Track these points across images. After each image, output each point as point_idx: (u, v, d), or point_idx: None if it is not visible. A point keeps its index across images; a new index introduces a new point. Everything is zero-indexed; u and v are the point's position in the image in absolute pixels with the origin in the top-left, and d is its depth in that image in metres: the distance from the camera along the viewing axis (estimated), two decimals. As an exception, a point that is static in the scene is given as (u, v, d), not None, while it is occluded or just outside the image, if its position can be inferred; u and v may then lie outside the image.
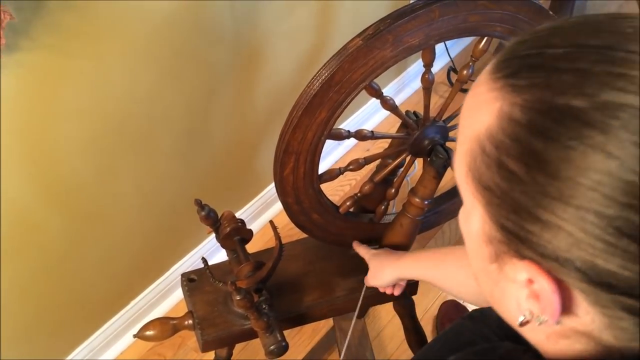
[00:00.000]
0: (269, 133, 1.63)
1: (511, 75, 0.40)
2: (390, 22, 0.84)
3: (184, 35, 1.22)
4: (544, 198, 0.37)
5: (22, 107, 1.01)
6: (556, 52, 0.39)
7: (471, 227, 0.45)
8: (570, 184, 0.36)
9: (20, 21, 0.90)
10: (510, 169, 0.39)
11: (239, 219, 1.01)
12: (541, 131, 0.37)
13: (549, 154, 0.37)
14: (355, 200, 1.05)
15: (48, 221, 1.18)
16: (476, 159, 0.42)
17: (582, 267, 0.37)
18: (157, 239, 1.48)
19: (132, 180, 1.31)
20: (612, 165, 0.35)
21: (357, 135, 0.97)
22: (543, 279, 0.39)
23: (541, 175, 0.37)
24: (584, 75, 0.37)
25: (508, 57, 0.42)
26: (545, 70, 0.38)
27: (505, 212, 0.40)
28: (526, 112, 0.38)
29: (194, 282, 1.11)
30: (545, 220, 0.38)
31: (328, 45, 1.67)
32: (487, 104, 0.41)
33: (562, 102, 0.36)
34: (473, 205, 0.44)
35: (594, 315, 0.40)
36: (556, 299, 0.40)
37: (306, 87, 0.86)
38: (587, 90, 0.36)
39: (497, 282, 0.45)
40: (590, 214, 0.36)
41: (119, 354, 1.52)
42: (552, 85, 0.37)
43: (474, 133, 0.42)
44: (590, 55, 0.37)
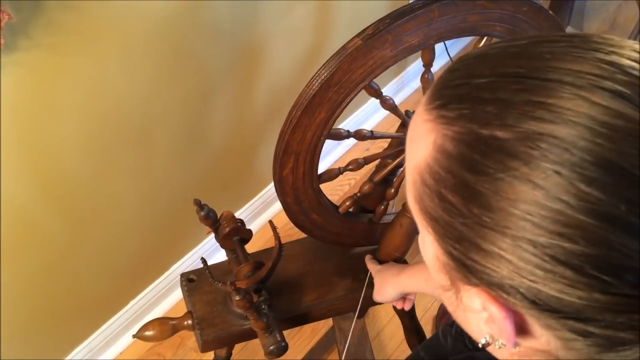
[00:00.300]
0: (268, 133, 1.62)
1: (442, 106, 0.40)
2: (390, 22, 0.83)
3: (182, 34, 1.22)
4: (481, 228, 0.37)
5: (20, 107, 1.01)
6: (480, 82, 0.39)
7: (427, 254, 0.46)
8: (503, 215, 0.36)
9: (18, 21, 0.90)
10: (449, 200, 0.39)
11: (238, 219, 1.01)
12: (470, 164, 0.37)
13: (480, 186, 0.37)
14: (354, 200, 1.05)
15: (46, 220, 1.17)
16: (419, 190, 0.42)
17: (526, 293, 0.37)
18: (156, 239, 1.48)
19: (131, 179, 1.31)
20: (538, 195, 0.35)
21: (356, 135, 0.97)
22: (493, 306, 0.40)
23: (475, 207, 0.37)
24: (505, 106, 0.37)
25: (440, 87, 0.42)
26: (471, 101, 0.38)
27: (451, 241, 0.40)
28: (456, 145, 0.38)
29: (193, 282, 1.11)
30: (487, 250, 0.38)
31: (327, 45, 1.67)
32: (423, 136, 0.41)
33: (487, 134, 0.37)
34: (424, 233, 0.44)
35: (548, 337, 0.40)
36: (509, 325, 0.40)
37: (305, 87, 0.86)
38: (508, 120, 0.36)
39: (458, 307, 0.45)
40: (525, 242, 0.36)
41: (118, 354, 1.52)
42: (477, 116, 0.38)
43: (415, 165, 0.42)
44: (510, 84, 0.37)
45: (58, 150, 1.11)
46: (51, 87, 1.03)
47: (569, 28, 2.18)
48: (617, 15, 2.32)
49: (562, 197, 0.34)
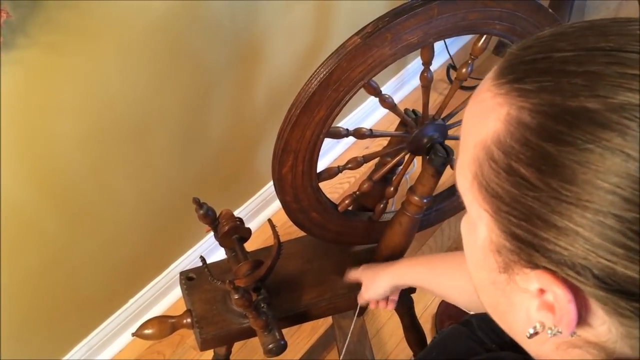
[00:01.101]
0: (267, 131, 1.62)
1: (517, 80, 0.39)
2: (389, 20, 0.83)
3: (181, 32, 1.22)
4: (559, 203, 0.36)
5: (18, 105, 1.01)
6: (564, 55, 0.38)
7: (477, 237, 0.44)
8: (588, 188, 0.35)
9: (17, 19, 0.90)
10: (521, 174, 0.38)
11: (237, 217, 1.01)
12: (554, 135, 0.36)
13: (564, 157, 0.36)
14: (354, 198, 1.05)
15: (44, 219, 1.17)
16: (482, 166, 0.41)
17: (600, 274, 0.36)
18: (155, 237, 1.48)
19: (130, 178, 1.31)
20: (631, 167, 0.34)
21: (355, 133, 0.97)
22: (558, 288, 0.38)
23: (555, 180, 0.36)
24: (596, 78, 0.36)
25: (512, 63, 0.41)
26: (554, 74, 0.38)
27: (516, 220, 0.39)
28: (536, 116, 0.37)
29: (192, 281, 1.11)
30: (561, 227, 0.37)
31: (326, 43, 1.66)
32: (492, 110, 0.40)
33: (575, 105, 0.36)
34: (479, 214, 0.43)
35: (610, 325, 0.39)
36: (572, 309, 0.38)
37: (304, 86, 0.86)
38: (600, 92, 0.35)
39: (504, 293, 0.44)
40: (610, 218, 0.35)
41: (117, 353, 1.52)
42: (563, 88, 0.37)
43: (479, 140, 0.41)
44: (600, 57, 0.37)
45: (56, 149, 1.11)
46: (49, 85, 1.03)
47: (568, 26, 2.18)
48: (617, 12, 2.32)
49: None
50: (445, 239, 1.77)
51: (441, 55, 2.18)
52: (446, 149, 0.98)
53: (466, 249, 0.48)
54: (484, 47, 0.95)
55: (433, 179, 0.99)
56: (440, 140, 1.00)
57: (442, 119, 1.01)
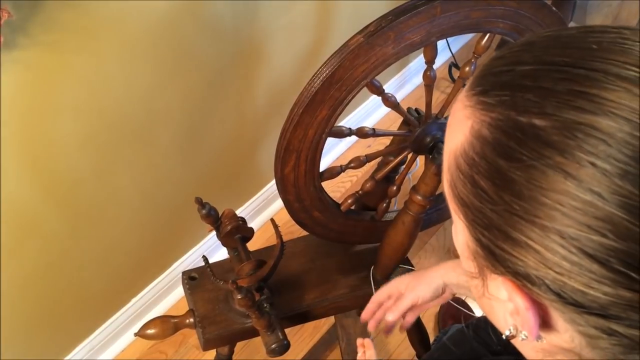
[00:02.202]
0: (270, 130, 1.62)
1: (483, 92, 0.40)
2: (392, 18, 0.83)
3: (182, 31, 1.21)
4: (511, 216, 0.37)
5: (20, 105, 1.00)
6: (525, 69, 0.38)
7: (458, 241, 0.46)
8: (533, 204, 0.36)
9: (18, 19, 0.89)
10: (481, 186, 0.39)
11: (239, 217, 1.01)
12: (505, 151, 0.37)
13: (513, 173, 0.37)
14: (356, 197, 1.05)
15: (47, 219, 1.17)
16: (453, 175, 0.42)
17: (551, 285, 0.37)
18: (157, 237, 1.48)
19: (132, 177, 1.31)
20: (570, 185, 0.34)
21: (358, 132, 0.96)
22: (517, 296, 0.40)
23: (507, 194, 0.37)
24: (546, 94, 0.36)
25: (483, 74, 0.42)
26: (512, 88, 0.38)
27: (480, 228, 0.40)
28: (493, 131, 0.38)
29: (195, 281, 1.11)
30: (515, 239, 0.37)
31: (328, 43, 1.66)
32: (460, 122, 0.42)
33: (525, 121, 0.36)
34: (456, 219, 0.44)
35: (572, 333, 0.40)
36: (531, 316, 0.39)
37: (307, 85, 0.86)
38: (547, 109, 0.36)
39: (485, 296, 0.45)
40: (553, 233, 0.35)
41: (119, 352, 1.52)
42: (517, 103, 0.37)
43: (452, 149, 0.43)
44: (553, 73, 0.37)
45: (58, 148, 1.11)
46: (50, 85, 1.03)
47: (571, 23, 2.18)
48: (619, 10, 2.32)
49: (595, 189, 0.34)
50: (447, 238, 1.77)
51: (443, 54, 2.18)
52: (449, 148, 0.98)
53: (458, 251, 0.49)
54: (487, 46, 0.94)
55: (436, 178, 0.99)
56: (443, 139, 1.00)
57: (445, 118, 1.00)
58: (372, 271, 1.14)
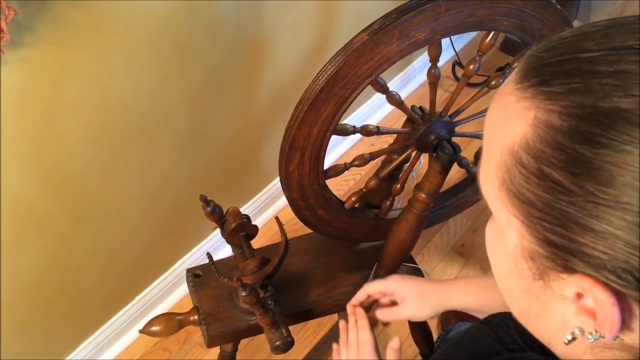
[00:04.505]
0: (274, 128, 1.62)
1: (543, 82, 0.39)
2: (396, 17, 0.83)
3: (187, 30, 1.22)
4: (596, 207, 0.36)
5: (27, 103, 1.01)
6: (591, 55, 0.37)
7: (507, 244, 0.43)
8: (627, 190, 0.34)
9: (24, 17, 0.90)
10: (554, 179, 0.37)
11: (244, 214, 1.01)
12: (587, 137, 0.35)
13: (599, 160, 0.35)
14: (360, 195, 1.05)
15: (53, 217, 1.18)
16: (511, 171, 0.40)
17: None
18: (162, 234, 1.48)
19: (137, 175, 1.31)
20: None
21: (362, 130, 0.97)
22: (600, 292, 0.37)
23: (591, 183, 0.35)
24: (628, 77, 0.35)
25: (535, 66, 0.40)
26: (583, 75, 0.37)
27: (550, 225, 0.38)
28: (567, 119, 0.37)
29: (199, 278, 1.11)
30: (599, 230, 0.36)
31: (333, 41, 1.66)
32: (518, 115, 0.40)
33: (608, 105, 0.35)
34: (509, 220, 0.42)
35: None
36: (616, 313, 0.38)
37: (311, 83, 0.86)
38: (633, 91, 0.35)
39: (539, 300, 0.43)
40: None
41: (124, 350, 1.53)
42: (594, 89, 0.36)
43: (506, 145, 0.40)
44: (630, 56, 0.36)
45: (63, 146, 1.12)
46: (57, 82, 1.03)
47: (575, 22, 2.17)
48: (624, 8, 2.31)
49: None
50: (451, 236, 1.77)
51: (447, 52, 2.18)
52: (453, 146, 0.98)
53: (493, 256, 0.47)
54: (492, 44, 0.94)
55: (440, 176, 0.99)
56: (447, 137, 1.00)
57: (449, 116, 1.01)
58: (375, 269, 1.14)
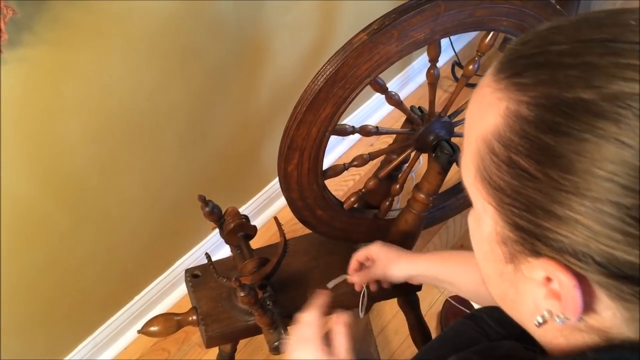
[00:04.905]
0: (273, 128, 1.62)
1: (515, 75, 0.40)
2: (396, 17, 0.83)
3: (187, 30, 1.21)
4: (558, 193, 0.37)
5: (25, 103, 1.01)
6: (561, 48, 0.39)
7: (483, 230, 0.45)
8: (586, 177, 0.36)
9: (23, 16, 0.90)
10: (521, 166, 0.39)
11: (243, 215, 1.01)
12: (551, 126, 0.37)
13: (562, 148, 0.37)
14: (359, 196, 1.05)
15: (52, 217, 1.17)
16: (484, 159, 0.42)
17: (601, 260, 0.37)
18: (161, 234, 1.48)
19: (136, 175, 1.31)
20: (627, 155, 0.35)
21: (361, 131, 0.96)
22: (563, 275, 0.39)
23: (554, 171, 0.37)
24: (591, 69, 0.37)
25: (511, 58, 0.42)
26: (551, 67, 0.38)
27: (518, 211, 0.40)
28: (534, 109, 0.38)
29: (198, 278, 1.11)
30: (561, 216, 0.37)
31: (332, 41, 1.66)
32: (492, 105, 0.41)
33: (571, 96, 0.37)
34: (484, 207, 0.44)
35: (615, 311, 0.40)
36: (578, 295, 0.39)
37: (310, 83, 0.86)
38: (595, 82, 0.36)
39: (512, 283, 0.45)
40: (607, 205, 0.35)
41: (122, 350, 1.53)
42: (559, 80, 0.37)
43: (480, 134, 0.42)
44: (594, 48, 0.37)
45: (62, 146, 1.11)
46: (55, 83, 1.03)
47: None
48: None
49: None
50: (450, 236, 1.77)
51: (446, 52, 2.17)
52: (452, 146, 0.98)
53: (474, 242, 0.49)
54: (491, 44, 0.94)
55: (439, 177, 0.99)
56: (447, 138, 1.00)
57: (448, 116, 1.00)
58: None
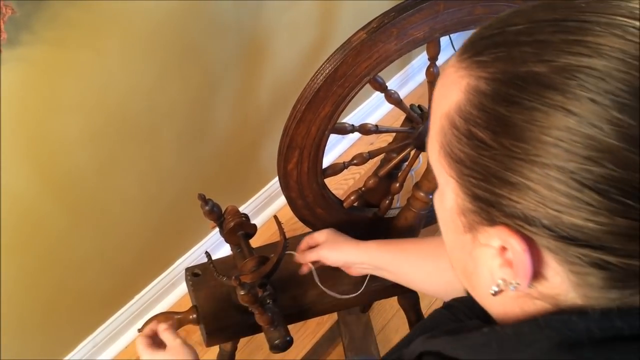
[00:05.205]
0: (272, 127, 1.62)
1: (476, 54, 0.43)
2: (395, 15, 0.83)
3: (186, 28, 1.21)
4: (511, 161, 0.39)
5: (24, 102, 1.01)
6: (517, 28, 0.42)
7: (445, 204, 0.48)
8: (534, 144, 0.38)
9: (21, 15, 0.90)
10: (479, 137, 0.41)
11: (242, 213, 1.01)
12: (505, 98, 0.40)
13: (514, 118, 0.39)
14: (359, 194, 1.05)
15: (51, 216, 1.17)
16: (447, 134, 0.44)
17: (548, 224, 0.39)
18: (161, 233, 1.48)
19: (135, 174, 1.31)
20: (571, 122, 0.37)
21: (361, 129, 0.96)
22: (514, 239, 0.41)
23: (507, 139, 0.39)
24: (543, 45, 0.39)
25: (473, 40, 0.45)
26: (507, 45, 0.41)
27: (476, 181, 0.42)
28: (491, 83, 0.41)
29: (198, 277, 1.11)
30: (514, 182, 0.40)
31: (331, 39, 1.66)
32: (454, 83, 0.44)
33: (524, 70, 0.39)
34: (446, 181, 0.46)
35: (563, 276, 0.42)
36: (527, 259, 0.41)
37: (310, 82, 0.86)
38: (546, 57, 0.39)
39: (471, 255, 0.47)
40: (554, 170, 0.38)
41: (122, 349, 1.53)
42: (514, 57, 0.40)
43: (445, 111, 0.45)
44: (547, 28, 0.40)
45: (61, 145, 1.11)
46: (54, 81, 1.03)
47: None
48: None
49: (595, 123, 0.36)
50: (450, 234, 1.77)
51: (446, 51, 2.17)
52: (452, 144, 0.98)
53: (439, 220, 0.51)
54: (490, 42, 0.94)
55: (439, 175, 0.99)
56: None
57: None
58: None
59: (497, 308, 0.49)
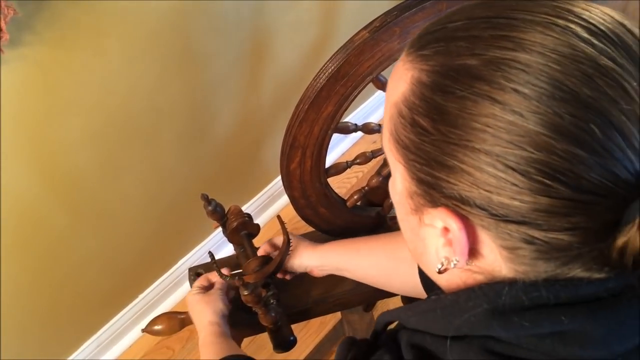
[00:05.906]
0: (275, 127, 1.62)
1: (420, 48, 0.47)
2: (397, 14, 0.83)
3: (187, 28, 1.21)
4: (447, 146, 0.43)
5: (26, 102, 1.01)
6: (455, 25, 0.46)
7: (396, 188, 0.52)
8: (466, 130, 0.42)
9: (23, 16, 0.90)
10: (420, 124, 0.45)
11: (245, 213, 1.01)
12: (441, 88, 0.44)
13: (449, 106, 0.43)
14: (362, 193, 1.04)
15: (53, 217, 1.18)
16: (395, 122, 0.48)
17: (481, 203, 0.43)
18: (164, 234, 1.48)
19: (137, 174, 1.31)
20: (496, 109, 0.41)
21: (364, 128, 0.96)
22: (451, 219, 0.45)
23: (444, 126, 0.43)
24: (475, 40, 0.43)
25: (419, 36, 0.49)
26: (446, 40, 0.45)
27: (419, 166, 0.46)
28: (430, 75, 0.45)
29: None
30: (450, 166, 0.44)
31: (333, 39, 1.66)
32: (402, 76, 0.48)
33: (459, 63, 0.43)
34: (395, 167, 0.50)
35: (496, 252, 0.46)
36: (463, 236, 0.45)
37: (312, 81, 0.86)
38: (477, 51, 0.43)
39: (419, 236, 0.51)
40: (483, 154, 0.42)
41: (126, 349, 1.53)
42: (451, 51, 0.44)
43: (393, 102, 0.49)
44: (481, 24, 0.44)
45: (63, 145, 1.11)
46: (56, 82, 1.03)
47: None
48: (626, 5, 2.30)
49: (516, 110, 0.40)
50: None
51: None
52: (455, 143, 0.97)
53: (394, 203, 0.55)
54: (493, 41, 0.94)
55: (442, 174, 0.99)
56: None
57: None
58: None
59: (445, 283, 0.54)
